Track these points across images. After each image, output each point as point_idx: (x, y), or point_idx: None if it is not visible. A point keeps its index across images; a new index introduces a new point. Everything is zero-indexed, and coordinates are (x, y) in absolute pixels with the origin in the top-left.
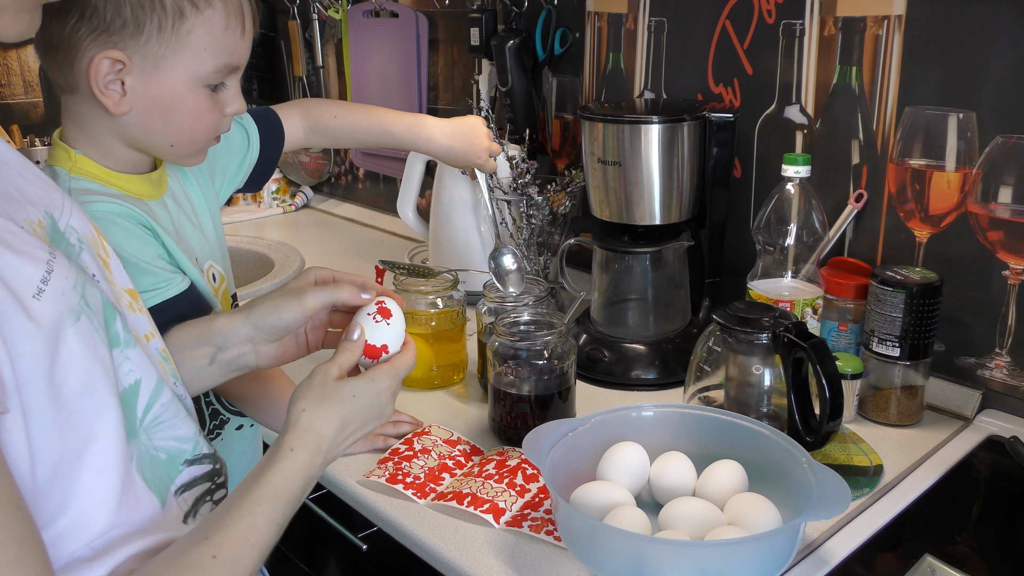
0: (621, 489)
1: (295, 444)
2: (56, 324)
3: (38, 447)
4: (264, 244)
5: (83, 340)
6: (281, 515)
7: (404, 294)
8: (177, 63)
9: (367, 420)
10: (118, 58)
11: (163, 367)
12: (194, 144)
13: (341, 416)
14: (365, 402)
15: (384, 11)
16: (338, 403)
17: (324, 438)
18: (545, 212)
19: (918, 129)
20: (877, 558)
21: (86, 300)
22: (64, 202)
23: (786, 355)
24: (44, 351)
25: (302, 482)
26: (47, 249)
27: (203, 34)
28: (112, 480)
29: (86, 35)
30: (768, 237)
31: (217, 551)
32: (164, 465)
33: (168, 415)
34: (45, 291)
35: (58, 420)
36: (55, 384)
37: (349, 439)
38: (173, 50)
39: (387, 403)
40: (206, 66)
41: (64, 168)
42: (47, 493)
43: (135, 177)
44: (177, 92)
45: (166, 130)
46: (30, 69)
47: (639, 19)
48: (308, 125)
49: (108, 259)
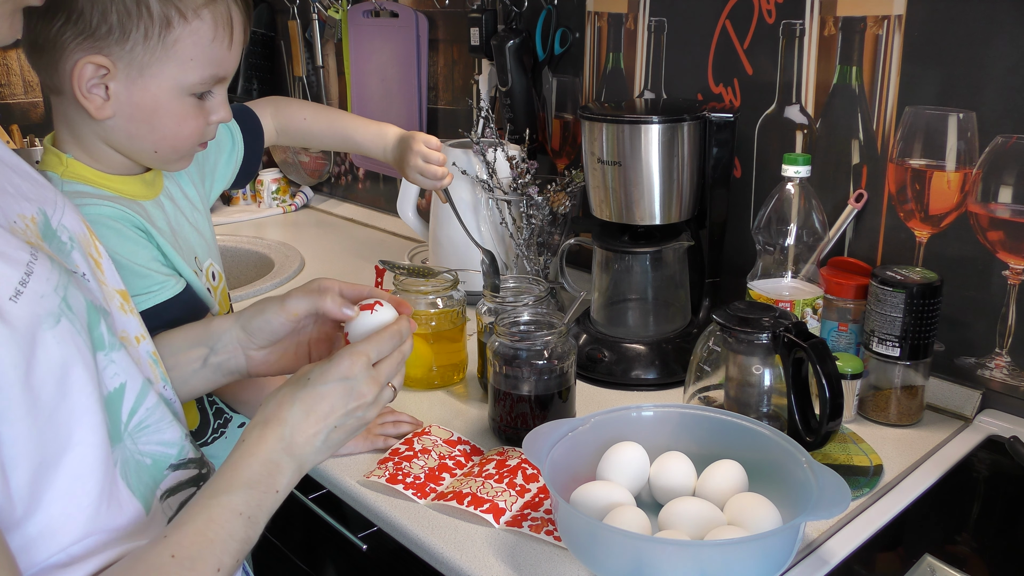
0: (621, 489)
1: (249, 429)
2: (33, 327)
3: (14, 454)
4: (264, 244)
5: (62, 344)
6: (243, 504)
7: (404, 294)
8: (163, 71)
9: (335, 402)
10: (102, 63)
11: (152, 370)
12: (178, 151)
13: (295, 396)
14: (327, 383)
15: (384, 11)
16: (294, 385)
17: (278, 420)
18: (545, 212)
19: (918, 129)
20: (877, 558)
21: (67, 303)
22: (57, 200)
23: (786, 355)
24: (19, 355)
25: (259, 465)
26: (29, 250)
27: (190, 44)
28: (90, 485)
29: (71, 38)
30: (768, 237)
31: (176, 550)
32: (149, 470)
33: (154, 419)
34: (23, 293)
35: (35, 425)
36: (31, 389)
37: (322, 422)
38: (159, 58)
39: (359, 381)
40: (192, 76)
41: (56, 172)
42: (22, 498)
43: (128, 178)
44: (161, 100)
45: (150, 136)
46: (30, 69)
47: (639, 19)
48: (279, 124)
49: (100, 259)
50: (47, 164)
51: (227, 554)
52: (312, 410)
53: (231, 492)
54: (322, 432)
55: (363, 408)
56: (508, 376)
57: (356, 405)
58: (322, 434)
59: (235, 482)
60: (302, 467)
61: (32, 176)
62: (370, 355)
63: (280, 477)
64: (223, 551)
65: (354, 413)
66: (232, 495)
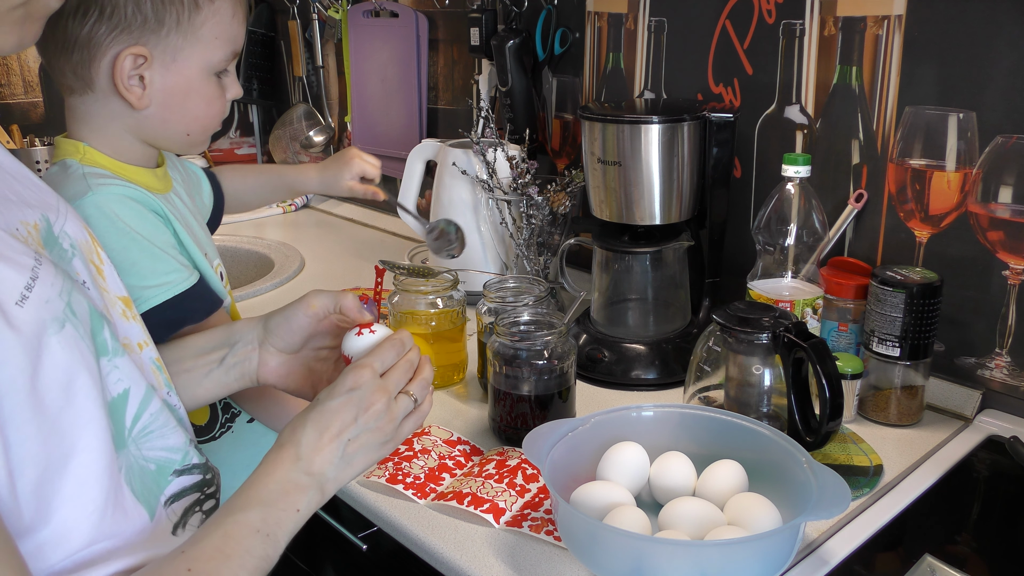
0: (621, 489)
1: (265, 455)
2: (39, 332)
3: (20, 458)
4: (264, 244)
5: (67, 349)
6: (260, 521)
7: (404, 294)
8: (193, 54)
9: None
10: (141, 53)
11: (156, 376)
12: (207, 130)
13: (307, 418)
14: (335, 399)
15: (384, 11)
16: (306, 410)
17: (292, 442)
18: (545, 212)
19: (918, 129)
20: (877, 558)
21: (72, 308)
22: (59, 207)
23: (786, 355)
24: (25, 360)
25: (275, 484)
26: (33, 256)
27: (214, 24)
28: (95, 492)
29: (107, 33)
30: (768, 237)
31: (192, 564)
32: (153, 475)
33: (158, 424)
34: (29, 298)
35: (40, 430)
36: (37, 393)
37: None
38: (189, 41)
39: (366, 391)
40: (217, 54)
41: (75, 159)
42: (29, 504)
43: (144, 170)
44: (193, 82)
45: (183, 119)
46: (30, 69)
47: (639, 19)
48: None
49: (102, 266)
50: (63, 153)
51: (244, 570)
52: (325, 428)
53: (247, 510)
54: (338, 448)
55: (375, 417)
56: (508, 376)
57: (367, 415)
58: (339, 450)
59: (251, 501)
60: (324, 486)
61: (34, 182)
62: (374, 366)
63: (299, 496)
64: (239, 567)
65: (367, 424)
66: (248, 512)
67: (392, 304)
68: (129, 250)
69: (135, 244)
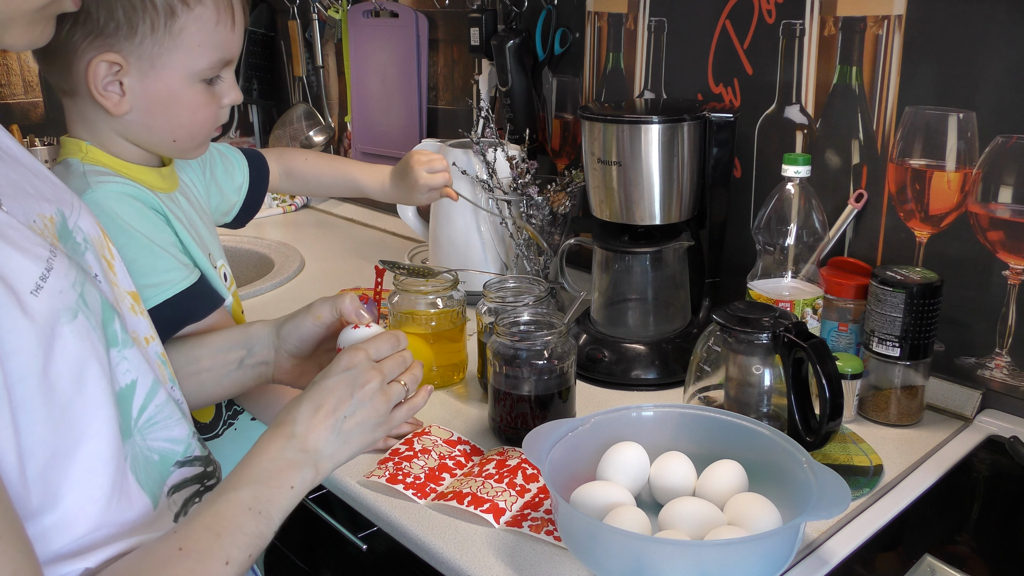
0: (621, 489)
1: (260, 436)
2: (52, 321)
3: (30, 443)
4: (264, 244)
5: (79, 338)
6: (251, 498)
7: (404, 294)
8: (172, 61)
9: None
10: (115, 60)
11: (161, 371)
12: (195, 138)
13: (302, 398)
14: (330, 377)
15: (384, 11)
16: (301, 392)
17: (287, 421)
18: (545, 212)
19: (918, 129)
20: (877, 558)
21: (84, 299)
22: (73, 202)
23: (786, 355)
24: (38, 347)
25: (268, 462)
26: (48, 247)
27: (195, 31)
28: (102, 479)
29: (81, 39)
30: (768, 237)
31: (184, 543)
32: (157, 466)
33: (163, 416)
34: (43, 288)
35: (50, 416)
36: (49, 381)
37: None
38: (167, 48)
39: (361, 370)
40: (200, 62)
41: (76, 158)
42: (37, 489)
43: (147, 168)
44: (174, 89)
45: (167, 126)
46: (30, 69)
47: (639, 19)
48: (282, 169)
49: (113, 261)
50: (67, 152)
51: (236, 547)
52: (320, 405)
53: (239, 488)
54: (333, 425)
55: (369, 395)
56: (508, 376)
57: (362, 392)
58: (334, 427)
59: (243, 479)
60: (318, 463)
61: (50, 178)
62: (368, 351)
63: (292, 473)
64: (231, 544)
65: (362, 402)
66: (240, 491)
67: (392, 304)
68: (128, 247)
69: (134, 241)
